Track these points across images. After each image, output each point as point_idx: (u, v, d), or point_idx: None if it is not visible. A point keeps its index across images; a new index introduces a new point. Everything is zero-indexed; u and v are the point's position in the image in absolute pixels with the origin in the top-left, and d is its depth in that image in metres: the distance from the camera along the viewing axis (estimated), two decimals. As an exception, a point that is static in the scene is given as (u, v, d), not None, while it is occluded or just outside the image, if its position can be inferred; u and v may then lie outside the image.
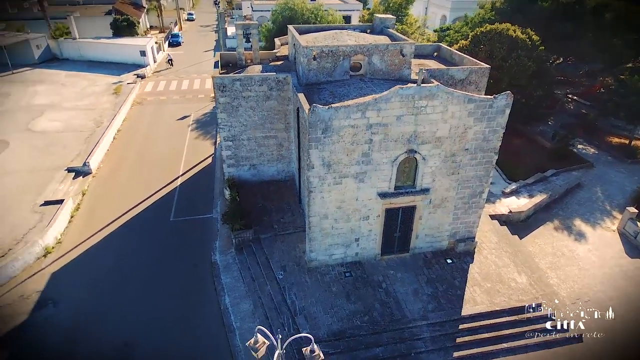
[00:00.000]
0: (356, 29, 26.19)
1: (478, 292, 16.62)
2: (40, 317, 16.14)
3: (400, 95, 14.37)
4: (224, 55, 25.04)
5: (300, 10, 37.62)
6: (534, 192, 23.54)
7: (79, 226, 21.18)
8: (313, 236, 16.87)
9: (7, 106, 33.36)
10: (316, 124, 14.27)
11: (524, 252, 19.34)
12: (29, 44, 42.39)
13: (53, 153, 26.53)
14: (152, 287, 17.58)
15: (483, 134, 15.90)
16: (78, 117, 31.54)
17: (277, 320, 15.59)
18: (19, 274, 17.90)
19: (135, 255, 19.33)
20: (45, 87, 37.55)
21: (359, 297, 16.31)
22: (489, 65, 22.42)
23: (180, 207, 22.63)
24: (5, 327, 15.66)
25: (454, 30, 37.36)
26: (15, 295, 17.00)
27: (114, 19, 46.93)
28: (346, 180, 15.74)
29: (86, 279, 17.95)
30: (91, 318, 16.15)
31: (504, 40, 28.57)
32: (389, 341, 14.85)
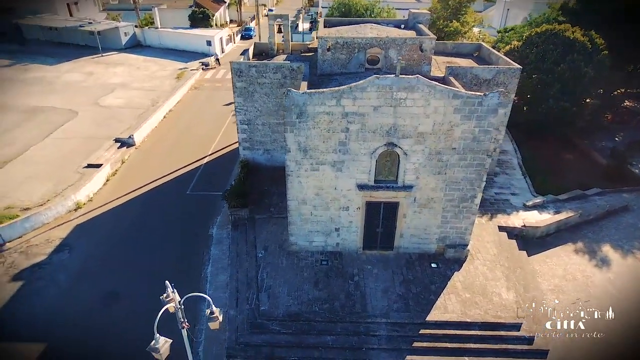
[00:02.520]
0: (389, 23, 25.82)
1: (453, 301, 15.70)
2: (55, 259, 18.69)
3: (376, 85, 14.15)
4: (257, 45, 26.28)
5: (354, 6, 37.76)
6: (562, 209, 21.28)
7: (111, 188, 23.90)
8: (292, 220, 17.24)
9: (87, 83, 38.37)
10: (290, 107, 14.62)
11: (526, 269, 17.75)
12: (118, 31, 48.07)
13: (109, 125, 30.05)
14: (153, 249, 19.31)
15: (472, 133, 14.94)
16: (139, 97, 35.23)
17: (244, 294, 16.29)
18: (50, 222, 20.81)
19: (148, 219, 21.34)
20: (123, 69, 42.39)
21: (327, 285, 16.35)
22: (519, 66, 20.85)
23: (198, 183, 24.36)
24: (27, 262, 18.41)
25: (514, 31, 34.73)
26: (43, 238, 19.84)
27: (192, 11, 51.22)
28: (323, 167, 15.86)
29: (102, 233, 20.28)
30: (94, 266, 18.30)
31: (558, 42, 26.04)
32: (342, 332, 14.74)
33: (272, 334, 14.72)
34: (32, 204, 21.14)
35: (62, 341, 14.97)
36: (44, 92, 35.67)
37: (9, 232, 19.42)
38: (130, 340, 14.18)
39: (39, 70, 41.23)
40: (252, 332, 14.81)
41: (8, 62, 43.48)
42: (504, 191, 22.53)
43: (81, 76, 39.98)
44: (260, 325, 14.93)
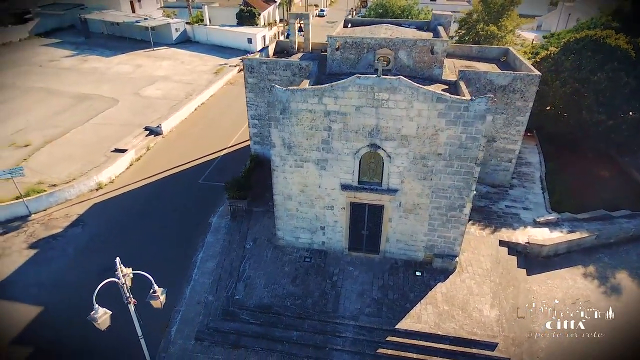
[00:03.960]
0: (411, 24, 25.28)
1: (429, 311, 15.16)
2: (69, 233, 20.40)
3: (357, 84, 14.04)
4: (279, 43, 26.80)
5: (391, 7, 37.30)
6: (578, 229, 19.70)
7: (132, 173, 25.58)
8: (278, 215, 17.51)
9: (134, 75, 41.16)
10: (274, 103, 14.90)
11: (519, 288, 16.72)
12: (170, 27, 51.01)
13: (144, 114, 32.08)
14: (154, 232, 20.46)
15: (459, 139, 14.34)
16: (176, 89, 37.23)
17: (225, 281, 16.84)
18: (72, 198, 22.72)
19: (157, 203, 22.62)
20: (169, 62, 44.96)
21: (304, 282, 16.45)
22: (538, 73, 19.67)
23: (211, 173, 25.37)
24: (45, 233, 20.27)
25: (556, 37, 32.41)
26: (63, 213, 21.72)
27: (239, 10, 53.13)
28: (307, 164, 15.97)
29: (113, 213, 21.81)
30: (99, 242, 19.77)
31: (597, 49, 24.04)
32: (309, 329, 14.79)
33: (242, 322, 15.10)
34: (59, 181, 23.20)
35: (58, 305, 16.37)
36: (95, 81, 38.78)
37: (35, 204, 21.48)
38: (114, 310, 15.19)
39: (95, 61, 44.85)
40: (223, 319, 15.29)
41: (71, 52, 47.72)
42: (516, 205, 21.24)
43: (130, 68, 42.96)
44: (231, 313, 15.37)
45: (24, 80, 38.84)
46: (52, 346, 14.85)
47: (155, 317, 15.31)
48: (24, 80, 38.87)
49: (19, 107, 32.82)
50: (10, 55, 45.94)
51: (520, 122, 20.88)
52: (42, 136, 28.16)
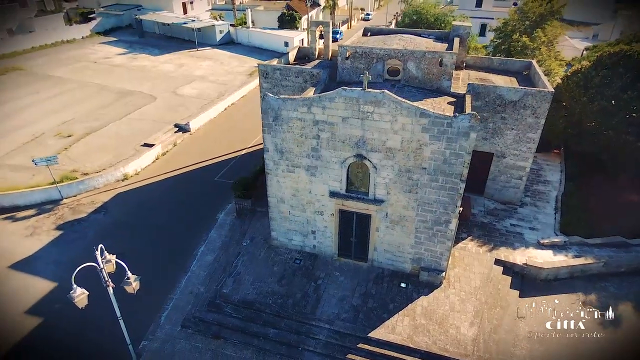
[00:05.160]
0: (431, 35, 25.11)
1: (404, 323, 15.26)
2: (92, 218, 22.42)
3: (343, 96, 14.45)
4: (301, 49, 27.63)
5: (424, 14, 36.99)
6: (585, 254, 18.80)
7: (157, 166, 27.47)
8: (272, 216, 18.27)
9: (175, 73, 43.75)
10: (267, 111, 15.66)
11: (507, 310, 16.34)
12: (214, 29, 53.53)
13: (177, 111, 34.18)
14: (165, 223, 21.97)
15: (443, 155, 14.35)
16: (211, 89, 39.19)
17: (217, 275, 17.88)
18: (100, 187, 24.86)
19: (173, 197, 24.21)
20: (209, 63, 47.29)
21: (290, 283, 17.09)
22: (551, 90, 19.00)
23: (227, 172, 26.65)
24: (71, 217, 22.42)
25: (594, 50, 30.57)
26: (90, 200, 23.85)
27: (281, 13, 54.69)
28: (299, 170, 16.59)
29: (132, 203, 23.64)
30: (116, 229, 21.57)
31: (630, 66, 22.63)
32: (285, 328, 15.41)
33: (224, 315, 16.02)
34: (91, 171, 25.46)
35: (70, 282, 18.13)
36: (139, 78, 41.71)
37: (67, 190, 23.77)
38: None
39: (144, 60, 48.10)
40: (208, 310, 16.29)
41: (124, 50, 51.47)
42: (522, 224, 20.58)
43: (173, 67, 45.68)
44: (216, 305, 16.34)
45: (80, 75, 42.54)
46: (59, 319, 16.51)
47: (152, 303, 16.79)
48: (80, 75, 42.56)
49: (71, 100, 36.09)
50: (71, 52, 50.37)
51: (531, 139, 20.22)
52: (84, 128, 30.89)
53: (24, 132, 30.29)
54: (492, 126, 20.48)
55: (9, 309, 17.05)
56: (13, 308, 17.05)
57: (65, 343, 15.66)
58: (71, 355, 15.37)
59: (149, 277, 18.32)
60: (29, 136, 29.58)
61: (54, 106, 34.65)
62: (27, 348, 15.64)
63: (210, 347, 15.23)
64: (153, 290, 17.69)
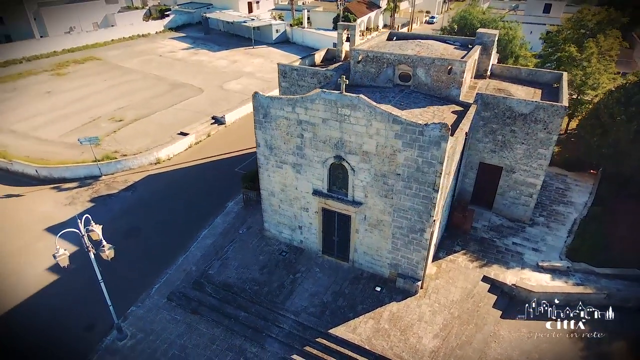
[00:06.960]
0: (456, 41, 24.46)
1: (368, 325, 15.45)
2: (122, 195, 25.06)
3: (323, 98, 14.96)
4: (330, 50, 28.31)
5: (470, 19, 35.87)
6: (588, 283, 17.48)
7: (188, 154, 29.77)
8: (264, 208, 19.26)
9: (227, 69, 46.49)
10: (257, 108, 16.63)
11: (483, 330, 15.80)
12: (271, 28, 55.84)
13: (218, 104, 36.52)
14: (182, 205, 23.94)
15: (416, 162, 14.33)
16: (253, 84, 41.18)
17: (209, 257, 19.26)
18: (135, 168, 27.58)
19: (194, 183, 26.17)
20: (260, 60, 49.54)
21: (270, 272, 17.96)
22: (565, 104, 17.99)
23: (248, 163, 28.11)
24: (105, 192, 25.23)
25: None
26: (123, 179, 26.60)
27: (336, 15, 55.55)
28: (286, 166, 17.38)
29: (158, 185, 25.97)
30: (139, 206, 23.93)
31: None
32: (254, 313, 16.32)
33: (204, 294, 17.32)
34: (129, 153, 28.32)
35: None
36: (194, 72, 44.98)
37: (106, 168, 26.74)
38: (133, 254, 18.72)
39: (202, 55, 51.64)
40: (192, 287, 17.70)
41: (188, 45, 55.60)
42: (526, 244, 19.54)
43: (227, 63, 48.55)
44: (199, 284, 17.69)
45: (145, 67, 46.85)
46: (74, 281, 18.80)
47: (150, 275, 18.63)
48: (145, 67, 46.86)
49: (131, 89, 40.03)
50: (144, 45, 55.46)
51: (542, 155, 19.14)
52: (134, 114, 34.22)
53: (86, 114, 34.28)
54: (502, 139, 19.70)
55: (33, 267, 19.75)
56: (38, 266, 19.74)
57: (75, 297, 17.97)
58: (71, 308, 17.59)
59: (155, 251, 20.47)
60: (88, 118, 33.47)
61: (115, 93, 38.70)
62: (44, 300, 18.12)
63: (187, 321, 16.58)
64: (154, 263, 19.64)
